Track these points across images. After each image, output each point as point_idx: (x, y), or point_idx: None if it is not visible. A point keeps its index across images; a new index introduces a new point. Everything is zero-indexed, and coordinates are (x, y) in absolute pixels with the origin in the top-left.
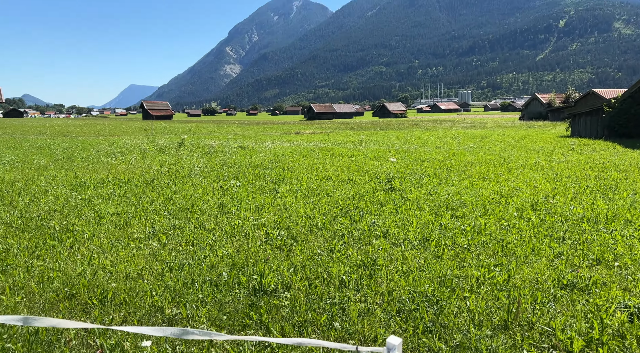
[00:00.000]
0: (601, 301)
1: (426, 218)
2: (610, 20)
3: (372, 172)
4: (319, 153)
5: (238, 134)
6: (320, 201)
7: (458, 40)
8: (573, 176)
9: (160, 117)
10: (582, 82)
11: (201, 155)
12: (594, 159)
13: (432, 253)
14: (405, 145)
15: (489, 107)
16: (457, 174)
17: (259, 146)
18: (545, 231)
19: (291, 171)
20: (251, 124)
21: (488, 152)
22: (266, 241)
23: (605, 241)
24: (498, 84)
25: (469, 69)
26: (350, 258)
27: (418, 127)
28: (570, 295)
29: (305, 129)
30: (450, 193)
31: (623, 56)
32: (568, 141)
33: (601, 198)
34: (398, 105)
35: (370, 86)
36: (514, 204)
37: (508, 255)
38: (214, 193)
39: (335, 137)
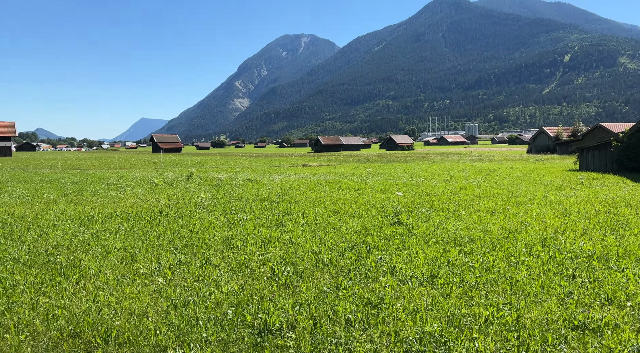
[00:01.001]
0: (614, 344)
1: (434, 254)
2: (615, 55)
3: (379, 205)
4: (326, 185)
5: (246, 166)
6: (326, 236)
7: (464, 75)
8: (582, 211)
9: (169, 149)
10: (589, 116)
11: (209, 188)
12: (604, 194)
13: (440, 291)
14: (412, 178)
15: (496, 140)
16: (465, 208)
17: (266, 178)
18: (555, 269)
19: (298, 205)
20: (259, 157)
21: (496, 185)
22: (272, 277)
23: (616, 279)
24: (505, 117)
25: (476, 102)
26: (357, 296)
27: (425, 159)
28: (581, 337)
29: (312, 162)
30: (458, 228)
31: (630, 90)
32: (577, 175)
33: (612, 234)
34: (405, 137)
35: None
36: (522, 240)
37: (517, 294)
38: (220, 227)
39: (343, 169)
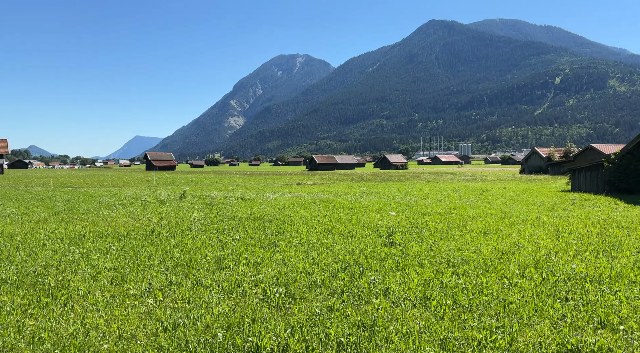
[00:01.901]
0: None
1: (427, 275)
2: (605, 78)
3: (372, 225)
4: (320, 204)
5: (240, 184)
6: (319, 256)
7: (457, 95)
8: (575, 233)
9: (163, 167)
10: (580, 137)
11: (202, 207)
12: (596, 215)
13: (433, 314)
14: (406, 197)
15: (489, 160)
16: (459, 228)
17: (260, 197)
18: (548, 291)
19: (291, 224)
20: (253, 175)
21: (489, 206)
22: (263, 299)
23: (609, 302)
24: (497, 137)
25: (469, 123)
26: (349, 318)
27: (419, 179)
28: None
29: (306, 180)
30: (451, 249)
31: (620, 112)
32: (569, 196)
33: (604, 256)
34: (399, 157)
35: (371, 137)
36: (515, 262)
37: (510, 316)
38: (212, 246)
39: (337, 188)
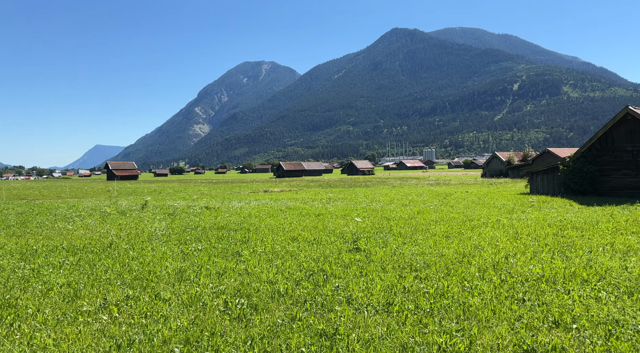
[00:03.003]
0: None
1: (390, 281)
2: (559, 85)
3: (338, 231)
4: (287, 212)
5: (205, 193)
6: (284, 265)
7: (420, 102)
8: (533, 234)
9: (125, 177)
10: (538, 141)
11: (164, 217)
12: (552, 217)
13: (395, 319)
14: (372, 203)
15: (452, 164)
16: (422, 232)
17: (225, 205)
18: (506, 293)
19: (256, 232)
20: (219, 183)
21: (452, 209)
22: (225, 311)
23: (563, 302)
24: (460, 142)
25: (432, 128)
26: (312, 328)
27: (385, 184)
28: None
29: (274, 187)
30: (414, 253)
31: (573, 117)
32: (528, 198)
33: (559, 256)
34: (365, 162)
35: (338, 144)
36: (476, 264)
37: (470, 319)
38: (173, 258)
39: (304, 195)
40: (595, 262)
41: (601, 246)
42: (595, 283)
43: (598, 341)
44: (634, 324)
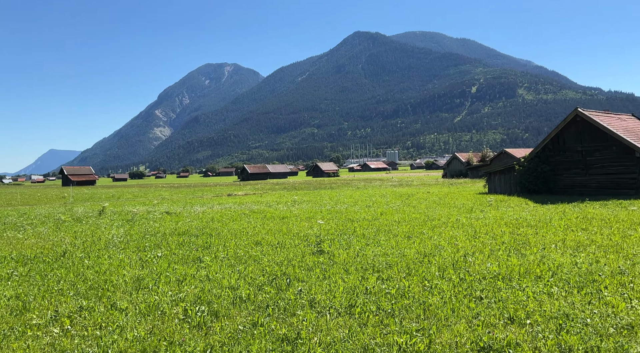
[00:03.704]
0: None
1: (353, 282)
2: (515, 87)
3: (302, 234)
4: (251, 215)
5: (166, 198)
6: (246, 270)
7: (383, 104)
8: (490, 233)
9: (82, 183)
10: (495, 142)
11: (122, 223)
12: (509, 215)
13: (357, 321)
14: (337, 205)
15: (414, 165)
16: (385, 233)
17: (187, 210)
18: (465, 291)
19: (219, 237)
20: (181, 187)
21: (414, 210)
22: (184, 319)
23: (518, 298)
24: (422, 144)
25: (395, 130)
26: (274, 333)
27: (349, 186)
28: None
29: (238, 191)
30: (377, 254)
31: (528, 119)
32: (486, 198)
33: (515, 254)
34: (330, 165)
35: (303, 146)
36: (436, 264)
37: (430, 318)
38: (131, 266)
39: (269, 198)
40: (548, 259)
41: (554, 243)
42: (547, 279)
43: (550, 335)
44: (583, 318)
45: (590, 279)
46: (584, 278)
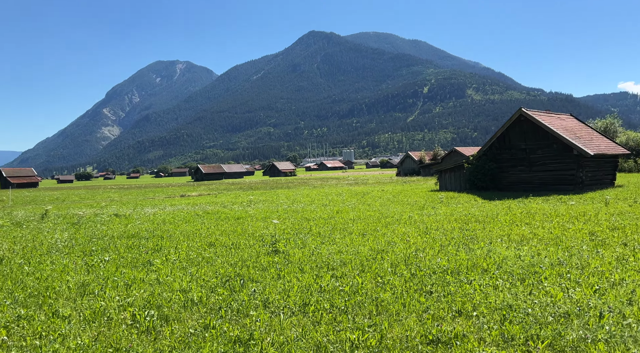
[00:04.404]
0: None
1: (307, 281)
2: (464, 88)
3: (257, 234)
4: (204, 216)
5: (115, 200)
6: (199, 272)
7: (339, 104)
8: (441, 229)
9: (23, 185)
10: (446, 141)
11: (67, 227)
12: (459, 212)
13: (311, 320)
14: (293, 204)
15: (370, 164)
16: (340, 231)
17: (137, 212)
18: (416, 286)
19: (170, 240)
20: (131, 188)
21: (369, 208)
22: (132, 324)
23: (466, 291)
24: (376, 143)
25: (350, 130)
26: (226, 335)
27: (306, 185)
28: (435, 351)
29: (191, 191)
30: (331, 252)
31: (477, 118)
32: (437, 195)
33: (463, 249)
34: (287, 164)
35: (259, 146)
36: (389, 260)
37: (382, 314)
38: (76, 271)
39: (224, 198)
40: (494, 252)
41: (499, 238)
42: (493, 272)
43: (494, 326)
44: (525, 308)
45: (532, 271)
46: (526, 270)
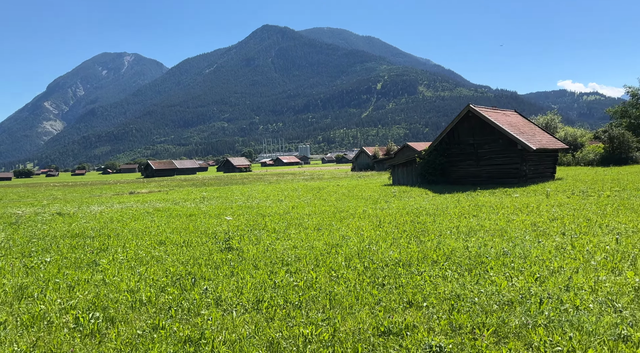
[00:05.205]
0: (411, 344)
1: (261, 278)
2: (415, 85)
3: (210, 232)
4: (155, 214)
5: (59, 198)
6: (148, 271)
7: (294, 99)
8: (394, 222)
9: None
10: (399, 136)
11: (4, 227)
12: (411, 205)
13: (264, 316)
14: (248, 200)
15: (325, 159)
16: (295, 226)
17: (82, 211)
18: (369, 279)
19: (118, 238)
20: (77, 186)
21: (324, 203)
22: (75, 328)
23: (416, 283)
24: (332, 138)
25: (306, 125)
26: (176, 335)
27: (262, 181)
28: (386, 342)
29: (141, 188)
30: (286, 248)
31: (428, 114)
32: (391, 189)
33: (414, 241)
34: (242, 159)
35: (213, 141)
36: (343, 254)
37: (335, 308)
38: (13, 273)
39: (175, 195)
40: (443, 244)
41: (449, 230)
42: (442, 263)
43: (443, 316)
44: (472, 297)
45: (479, 261)
46: (473, 261)
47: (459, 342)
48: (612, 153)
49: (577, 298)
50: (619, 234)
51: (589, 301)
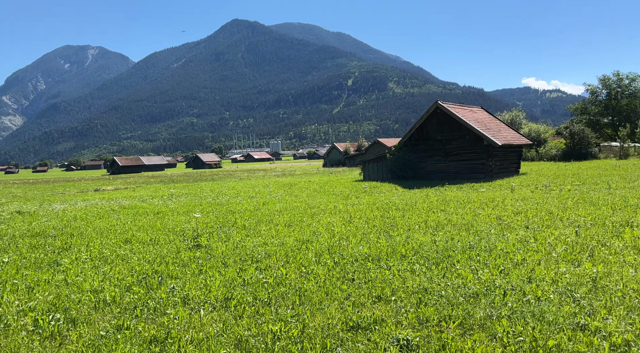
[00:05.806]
0: (379, 338)
1: (230, 275)
2: (386, 81)
3: (178, 229)
4: (120, 211)
5: (18, 196)
6: (113, 270)
7: (265, 94)
8: (364, 218)
9: None
10: (370, 132)
11: None
12: (381, 200)
13: (233, 314)
14: (218, 196)
15: (297, 155)
16: (266, 223)
17: (44, 209)
18: (338, 274)
19: (81, 237)
20: (38, 183)
21: (295, 199)
22: (34, 330)
23: (385, 277)
24: (303, 134)
25: (277, 121)
26: (141, 335)
27: (232, 177)
28: (355, 337)
29: (107, 185)
30: (256, 245)
31: (398, 111)
32: (361, 185)
33: (384, 236)
34: (212, 156)
35: (181, 137)
36: (313, 250)
37: (305, 304)
38: None
39: (142, 192)
40: (412, 239)
41: (417, 224)
42: (411, 257)
43: (411, 309)
44: (439, 290)
45: (446, 255)
46: (441, 255)
47: (426, 335)
48: (573, 148)
49: (539, 289)
50: (578, 226)
51: (549, 292)
